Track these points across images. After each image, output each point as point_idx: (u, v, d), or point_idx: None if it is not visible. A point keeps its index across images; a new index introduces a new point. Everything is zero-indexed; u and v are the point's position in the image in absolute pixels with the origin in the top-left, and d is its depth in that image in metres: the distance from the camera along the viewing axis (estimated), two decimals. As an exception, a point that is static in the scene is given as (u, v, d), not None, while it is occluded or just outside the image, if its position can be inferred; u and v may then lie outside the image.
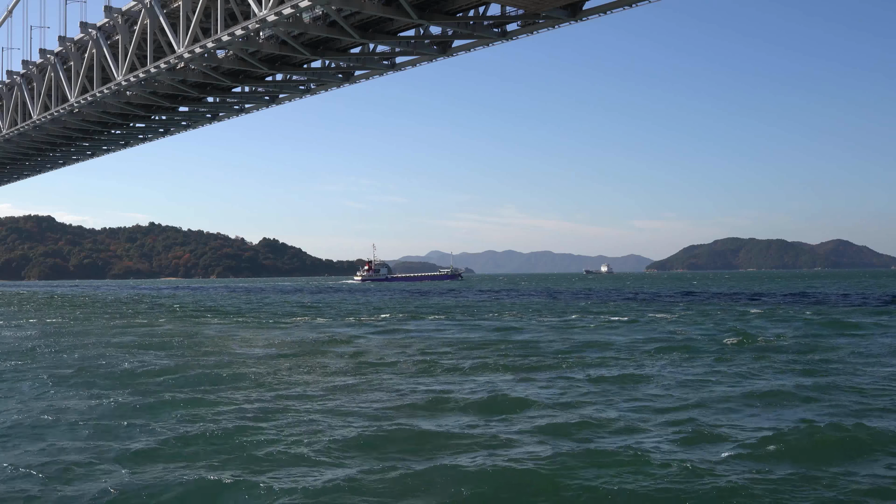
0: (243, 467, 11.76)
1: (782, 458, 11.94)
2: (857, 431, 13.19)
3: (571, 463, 11.68)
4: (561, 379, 20.04)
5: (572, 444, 12.94)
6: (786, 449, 12.32)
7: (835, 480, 10.85)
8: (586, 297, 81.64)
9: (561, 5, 47.82)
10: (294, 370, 22.34)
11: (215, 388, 18.94)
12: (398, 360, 24.35)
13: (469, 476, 11.01)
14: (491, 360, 23.90)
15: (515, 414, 15.51)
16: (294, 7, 46.07)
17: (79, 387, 19.41)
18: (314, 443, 13.03)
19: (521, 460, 11.80)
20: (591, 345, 28.49)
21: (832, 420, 14.12)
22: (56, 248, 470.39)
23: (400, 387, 18.97)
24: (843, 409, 15.48)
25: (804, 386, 18.07)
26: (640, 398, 17.08)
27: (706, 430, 13.68)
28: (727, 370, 21.20)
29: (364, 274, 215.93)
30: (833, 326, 35.98)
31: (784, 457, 11.96)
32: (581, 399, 17.10)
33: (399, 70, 61.92)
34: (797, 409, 15.61)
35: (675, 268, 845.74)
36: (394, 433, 13.59)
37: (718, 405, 16.16)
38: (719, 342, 28.51)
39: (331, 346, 29.50)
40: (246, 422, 14.82)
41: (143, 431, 14.05)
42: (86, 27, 65.95)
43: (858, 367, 21.63)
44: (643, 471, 11.22)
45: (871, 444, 12.57)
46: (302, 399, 17.35)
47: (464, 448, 12.68)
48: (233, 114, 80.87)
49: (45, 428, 14.55)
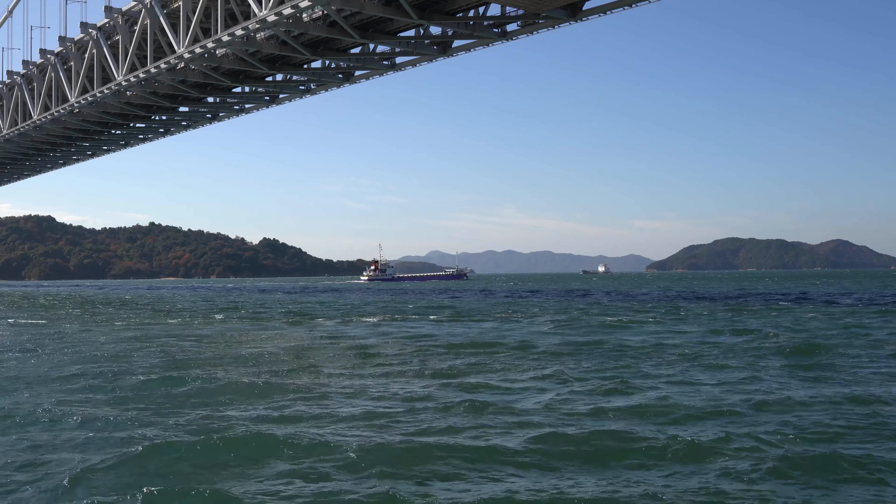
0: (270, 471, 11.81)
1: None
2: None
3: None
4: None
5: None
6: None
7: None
8: (641, 298, 75.77)
9: (561, 5, 47.83)
10: (326, 371, 22.35)
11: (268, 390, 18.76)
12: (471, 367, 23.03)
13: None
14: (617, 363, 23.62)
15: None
16: (294, 7, 46.09)
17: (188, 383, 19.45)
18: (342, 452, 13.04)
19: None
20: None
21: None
22: (56, 248, 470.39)
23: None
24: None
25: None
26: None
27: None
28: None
29: (371, 274, 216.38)
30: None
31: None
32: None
33: (399, 70, 61.93)
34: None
35: (674, 268, 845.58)
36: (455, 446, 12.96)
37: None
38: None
39: (359, 349, 28.43)
40: (283, 426, 14.85)
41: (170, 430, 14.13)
42: (86, 27, 65.95)
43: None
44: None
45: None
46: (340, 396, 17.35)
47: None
48: (233, 114, 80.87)
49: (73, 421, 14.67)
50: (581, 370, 21.84)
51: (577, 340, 30.38)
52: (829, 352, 25.50)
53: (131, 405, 16.71)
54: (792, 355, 24.68)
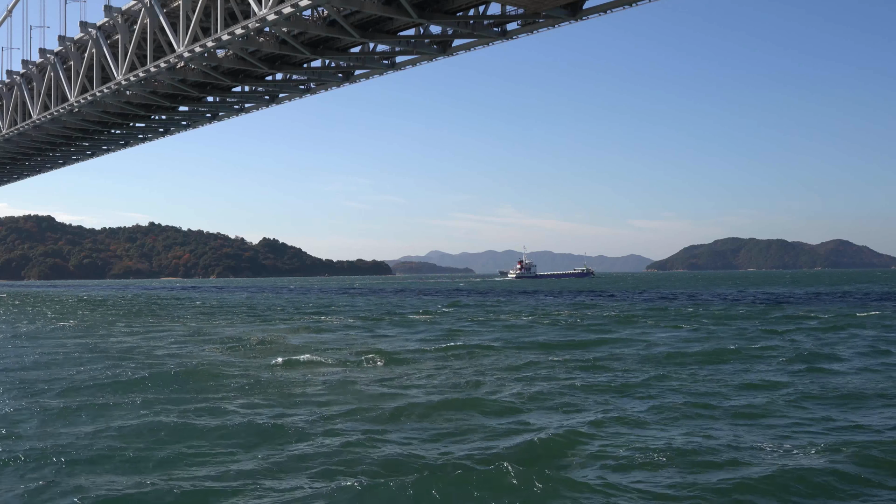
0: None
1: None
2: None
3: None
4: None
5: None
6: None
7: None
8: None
9: (561, 4, 47.81)
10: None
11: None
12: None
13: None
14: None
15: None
16: (294, 6, 46.04)
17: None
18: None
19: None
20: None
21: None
22: (56, 248, 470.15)
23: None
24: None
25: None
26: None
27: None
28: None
29: (517, 272, 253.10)
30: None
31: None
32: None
33: (399, 69, 61.89)
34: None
35: (675, 268, 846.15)
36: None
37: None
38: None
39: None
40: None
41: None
42: (86, 27, 65.95)
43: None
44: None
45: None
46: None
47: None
48: (233, 113, 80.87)
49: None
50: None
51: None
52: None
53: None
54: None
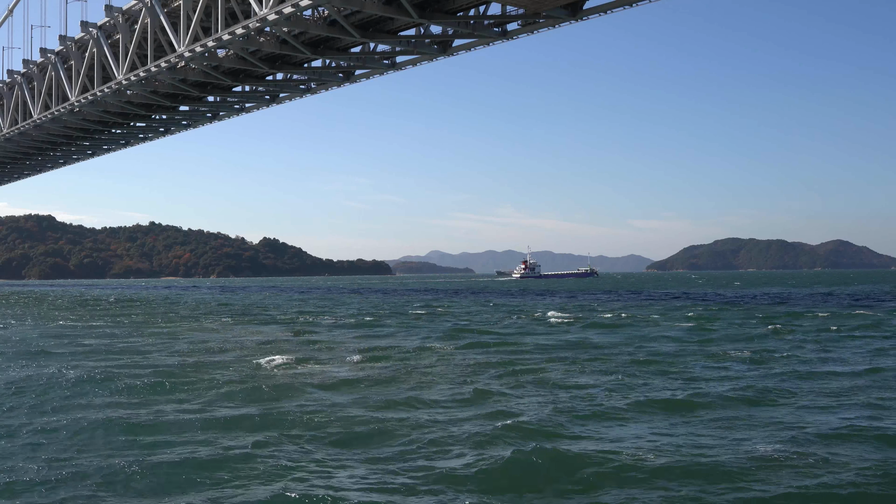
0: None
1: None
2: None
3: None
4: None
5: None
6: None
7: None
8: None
9: (561, 5, 47.88)
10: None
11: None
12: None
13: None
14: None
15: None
16: (294, 6, 46.09)
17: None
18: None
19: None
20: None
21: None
22: (56, 247, 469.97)
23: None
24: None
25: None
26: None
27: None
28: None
29: (522, 271, 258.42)
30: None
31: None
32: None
33: (399, 69, 61.95)
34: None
35: (675, 268, 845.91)
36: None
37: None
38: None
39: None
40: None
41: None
42: (86, 26, 66.01)
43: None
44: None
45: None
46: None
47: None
48: (233, 113, 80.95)
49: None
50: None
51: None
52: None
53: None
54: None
